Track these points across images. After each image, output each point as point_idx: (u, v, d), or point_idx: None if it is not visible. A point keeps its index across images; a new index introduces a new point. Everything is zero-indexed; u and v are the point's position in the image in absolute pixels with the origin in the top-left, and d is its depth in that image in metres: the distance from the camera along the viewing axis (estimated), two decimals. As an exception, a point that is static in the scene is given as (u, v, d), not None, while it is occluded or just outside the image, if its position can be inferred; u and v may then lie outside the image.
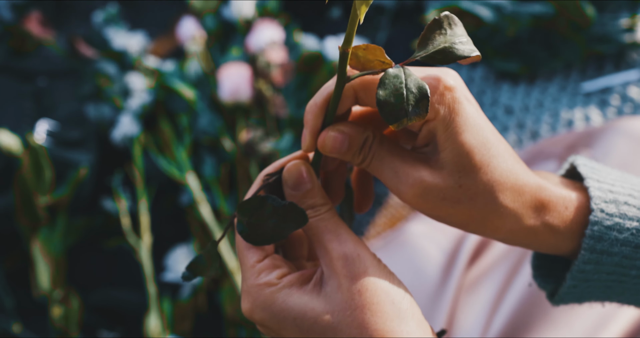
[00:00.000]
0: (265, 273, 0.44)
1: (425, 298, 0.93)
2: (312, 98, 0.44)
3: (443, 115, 0.42)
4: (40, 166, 1.09)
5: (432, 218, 0.46)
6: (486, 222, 0.44)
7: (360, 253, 0.43)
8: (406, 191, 0.43)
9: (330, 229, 0.44)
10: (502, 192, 0.43)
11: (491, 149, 0.43)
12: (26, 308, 1.10)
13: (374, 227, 1.12)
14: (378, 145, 0.44)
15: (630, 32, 1.19)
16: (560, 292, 0.48)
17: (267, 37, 1.21)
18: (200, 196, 1.10)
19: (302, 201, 0.46)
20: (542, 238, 0.45)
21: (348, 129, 0.44)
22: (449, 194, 0.43)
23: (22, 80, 1.28)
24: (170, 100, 1.22)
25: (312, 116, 0.44)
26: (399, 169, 0.44)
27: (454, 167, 0.42)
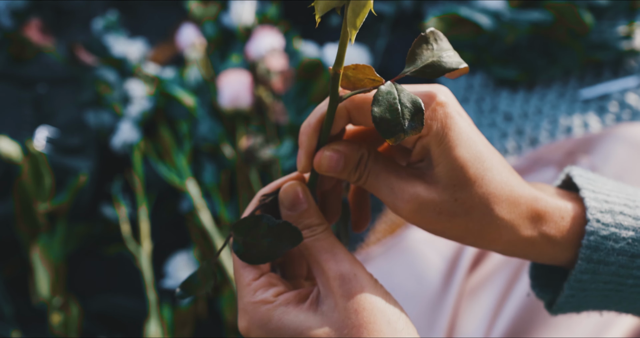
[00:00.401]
0: (262, 291, 0.45)
1: (427, 304, 0.93)
2: (306, 119, 0.45)
3: (436, 130, 0.42)
4: (40, 173, 1.09)
5: (429, 233, 0.46)
6: (483, 234, 0.45)
7: (357, 273, 0.44)
8: (402, 207, 0.44)
9: (327, 249, 0.45)
10: (497, 204, 0.44)
11: (485, 161, 0.44)
12: (25, 316, 1.09)
13: (374, 233, 1.12)
14: (373, 163, 0.45)
15: (628, 39, 1.20)
16: (558, 301, 0.48)
17: (267, 44, 1.21)
18: (201, 203, 1.10)
19: (299, 221, 0.46)
20: (540, 248, 0.46)
21: (343, 148, 0.44)
22: (445, 208, 0.43)
23: (22, 87, 1.28)
24: (170, 107, 1.22)
25: (307, 137, 0.44)
26: (395, 185, 0.44)
27: (449, 181, 0.43)
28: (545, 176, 1.00)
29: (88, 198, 1.16)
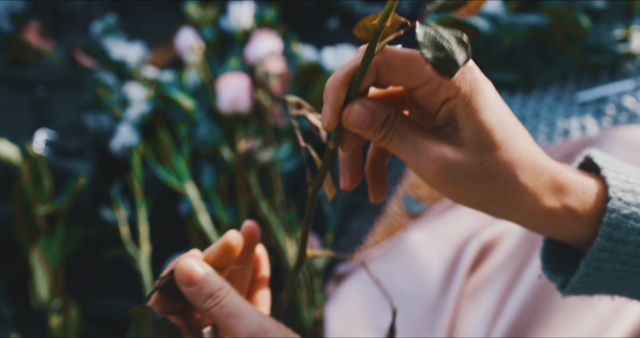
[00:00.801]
0: None
1: (427, 306, 0.93)
2: (332, 75, 0.44)
3: (464, 92, 0.42)
4: (40, 175, 1.09)
5: (450, 198, 0.46)
6: (506, 201, 0.44)
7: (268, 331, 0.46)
8: (427, 167, 0.43)
9: (233, 313, 0.47)
10: (522, 171, 0.44)
11: (510, 128, 0.44)
12: (25, 318, 1.09)
13: (373, 235, 1.13)
14: (400, 122, 0.45)
15: (625, 42, 1.20)
16: (572, 281, 0.48)
17: (265, 47, 1.22)
18: (200, 205, 1.10)
19: (200, 293, 0.48)
20: (561, 221, 0.45)
21: (372, 104, 0.44)
22: (470, 171, 0.43)
23: (21, 90, 1.28)
24: (169, 110, 1.22)
25: (334, 91, 0.44)
26: (421, 145, 0.44)
27: (476, 144, 0.43)
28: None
29: (87, 201, 1.16)
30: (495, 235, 0.95)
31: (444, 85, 0.42)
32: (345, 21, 1.39)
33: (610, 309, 0.81)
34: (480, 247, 0.94)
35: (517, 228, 0.95)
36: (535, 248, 0.89)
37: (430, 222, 1.05)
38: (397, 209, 1.14)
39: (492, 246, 0.95)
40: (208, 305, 0.48)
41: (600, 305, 0.81)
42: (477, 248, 0.94)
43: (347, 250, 1.13)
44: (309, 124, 0.52)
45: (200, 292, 0.48)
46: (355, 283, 1.00)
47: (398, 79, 0.43)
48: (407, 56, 0.42)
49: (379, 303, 0.96)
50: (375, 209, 1.15)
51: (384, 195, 0.50)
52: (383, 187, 0.50)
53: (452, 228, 1.01)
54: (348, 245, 1.13)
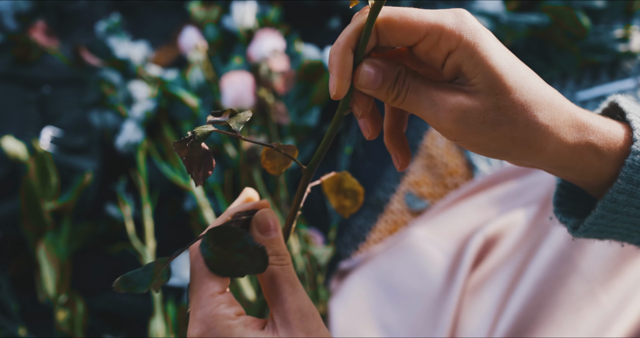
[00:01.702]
0: (225, 306, 0.45)
1: (430, 301, 0.94)
2: (334, 43, 0.43)
3: (466, 41, 0.42)
4: (46, 172, 1.09)
5: (473, 149, 0.45)
6: (529, 143, 0.44)
7: (315, 313, 0.45)
8: (446, 117, 0.43)
9: (290, 281, 0.46)
10: (540, 111, 0.43)
11: (521, 70, 0.43)
12: (31, 312, 1.10)
13: (375, 232, 1.14)
14: (411, 78, 0.44)
15: (625, 42, 1.21)
16: (586, 222, 0.48)
17: (269, 46, 1.22)
18: (204, 202, 1.10)
19: (269, 246, 0.47)
20: (587, 159, 0.45)
21: (381, 63, 0.44)
22: (489, 117, 0.43)
23: (27, 88, 1.29)
24: (173, 107, 1.23)
25: (339, 56, 0.43)
26: (436, 96, 0.43)
27: (490, 90, 0.42)
28: (547, 174, 1.01)
29: (93, 197, 1.17)
30: (499, 229, 0.96)
31: (443, 36, 0.42)
32: (347, 21, 1.40)
33: (613, 305, 0.81)
34: (483, 242, 0.95)
35: (520, 223, 0.96)
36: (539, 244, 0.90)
37: (432, 219, 1.06)
38: (399, 206, 1.15)
39: (495, 240, 0.96)
40: (273, 261, 0.46)
41: (603, 301, 0.82)
42: (481, 242, 0.95)
43: (350, 247, 1.14)
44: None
45: (269, 246, 0.47)
46: (358, 279, 1.01)
47: (398, 36, 0.43)
48: (404, 13, 0.42)
49: (383, 298, 0.97)
50: (378, 206, 1.16)
51: (408, 162, 0.49)
52: (406, 154, 0.49)
53: (454, 224, 1.02)
54: (351, 241, 1.14)
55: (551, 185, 0.99)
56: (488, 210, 1.02)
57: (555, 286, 0.84)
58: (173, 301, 1.06)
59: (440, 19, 0.42)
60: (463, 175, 1.15)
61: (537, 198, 0.98)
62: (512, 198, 1.02)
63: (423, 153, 1.19)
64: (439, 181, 1.16)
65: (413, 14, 0.42)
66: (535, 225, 0.94)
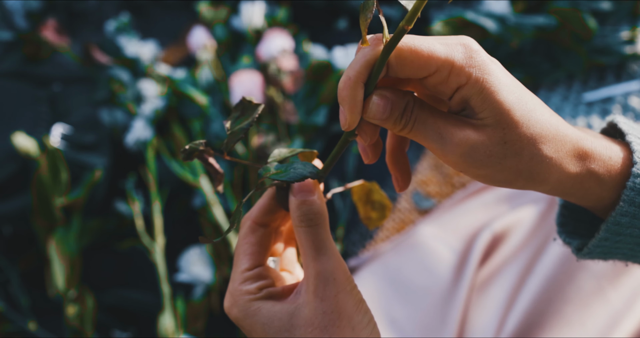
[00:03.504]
0: (250, 281, 0.48)
1: (438, 298, 0.94)
2: (343, 76, 0.43)
3: (475, 77, 0.42)
4: (57, 168, 1.10)
5: (479, 180, 0.46)
6: (533, 175, 0.45)
7: (337, 277, 0.46)
8: (453, 151, 0.44)
9: (316, 245, 0.47)
10: (545, 144, 0.44)
11: (527, 103, 0.44)
12: (42, 307, 1.10)
13: (383, 230, 1.14)
14: (419, 109, 0.44)
15: (631, 43, 1.22)
16: (590, 244, 0.49)
17: (277, 45, 1.23)
18: (213, 199, 1.11)
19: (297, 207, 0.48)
20: (588, 186, 0.46)
21: (389, 94, 0.44)
22: (495, 151, 0.43)
23: (38, 85, 1.30)
24: (183, 106, 1.24)
25: (350, 90, 0.43)
26: (443, 129, 0.44)
27: (498, 124, 0.43)
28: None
29: (102, 194, 1.18)
30: (506, 226, 0.97)
31: (453, 73, 0.42)
32: (354, 21, 1.41)
33: (622, 301, 0.82)
34: (491, 238, 0.95)
35: (528, 219, 0.97)
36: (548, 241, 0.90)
37: (439, 217, 1.06)
38: (406, 205, 1.16)
39: (503, 237, 0.96)
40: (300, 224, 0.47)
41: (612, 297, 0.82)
42: (488, 239, 0.95)
43: (357, 245, 1.14)
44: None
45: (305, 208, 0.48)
46: (366, 275, 1.02)
47: (407, 70, 0.43)
48: (414, 47, 0.42)
49: (391, 294, 0.98)
50: (385, 205, 1.17)
51: (408, 183, 0.50)
52: (407, 175, 0.50)
53: (461, 222, 1.03)
54: (359, 239, 1.15)
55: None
56: (495, 208, 1.03)
57: (564, 282, 0.84)
58: (182, 297, 1.07)
59: (451, 54, 0.42)
60: (470, 174, 1.16)
61: (544, 196, 0.99)
62: (520, 196, 1.02)
63: (430, 153, 1.20)
64: (446, 180, 1.17)
65: (423, 47, 0.42)
66: (543, 221, 0.94)
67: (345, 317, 0.45)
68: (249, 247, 0.50)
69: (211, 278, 1.07)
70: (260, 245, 0.51)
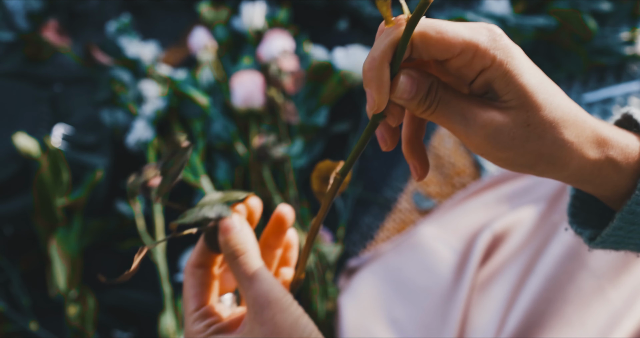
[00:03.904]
0: (198, 321, 0.52)
1: (439, 298, 0.94)
2: (368, 57, 0.43)
3: (499, 60, 0.42)
4: (58, 168, 1.10)
5: (499, 164, 0.46)
6: (554, 159, 0.45)
7: (271, 300, 0.49)
8: (477, 132, 0.44)
9: (246, 274, 0.50)
10: (566, 129, 0.44)
11: (549, 88, 0.44)
12: (43, 307, 1.11)
13: (383, 231, 1.15)
14: (443, 90, 0.44)
15: (631, 44, 1.22)
16: (604, 233, 0.49)
17: (278, 46, 1.24)
18: (214, 199, 1.11)
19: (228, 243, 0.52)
20: (606, 173, 0.46)
21: (415, 74, 0.44)
22: (518, 133, 0.44)
23: (39, 86, 1.30)
24: (184, 106, 1.24)
25: (377, 71, 0.43)
26: (467, 111, 0.44)
27: (521, 107, 0.43)
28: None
29: (103, 194, 1.18)
30: (507, 226, 0.97)
31: (478, 55, 0.42)
32: (355, 22, 1.41)
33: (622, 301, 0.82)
34: (491, 238, 0.96)
35: (529, 219, 0.97)
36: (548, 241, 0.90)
37: (440, 217, 1.06)
38: (407, 205, 1.16)
39: (503, 237, 0.96)
40: (233, 255, 0.51)
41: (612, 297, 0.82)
42: (489, 239, 0.95)
43: (358, 245, 1.14)
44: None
45: (228, 243, 0.51)
46: (367, 275, 1.02)
47: (432, 51, 0.43)
48: (440, 29, 0.42)
49: (392, 294, 0.98)
50: (386, 205, 1.17)
51: (427, 171, 0.50)
52: (425, 164, 0.50)
53: (462, 222, 1.03)
54: (359, 239, 1.15)
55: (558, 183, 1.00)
56: (496, 208, 1.03)
57: (564, 282, 0.84)
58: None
59: (475, 36, 0.42)
60: (470, 175, 1.16)
61: (544, 196, 0.99)
62: (520, 196, 1.03)
63: (431, 153, 1.20)
64: (446, 181, 1.17)
65: (448, 29, 0.42)
66: (544, 221, 0.94)
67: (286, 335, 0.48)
68: (191, 289, 0.54)
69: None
70: (203, 286, 0.54)
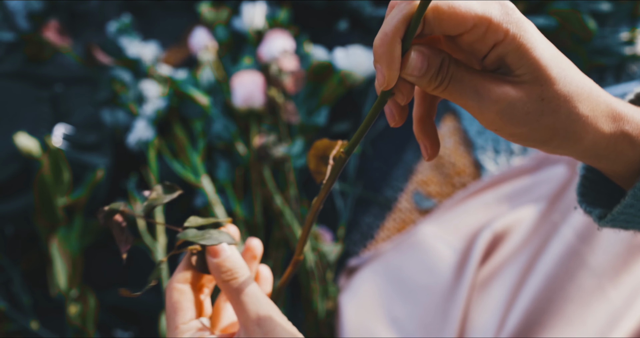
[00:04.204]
0: (189, 333, 0.51)
1: (439, 296, 0.95)
2: (379, 32, 0.42)
3: (512, 34, 0.42)
4: (59, 168, 1.11)
5: (513, 140, 0.46)
6: (569, 133, 0.45)
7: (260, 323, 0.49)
8: (490, 108, 0.43)
9: (239, 297, 0.51)
10: (581, 102, 0.44)
11: (562, 62, 0.44)
12: (43, 307, 1.11)
13: (384, 230, 1.15)
14: (455, 66, 0.44)
15: (631, 44, 1.23)
16: (615, 211, 0.48)
17: (279, 46, 1.24)
18: (215, 199, 1.12)
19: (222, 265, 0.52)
20: (621, 148, 0.46)
21: (426, 50, 0.43)
22: (533, 108, 0.43)
23: (40, 86, 1.31)
24: (184, 106, 1.24)
25: (388, 46, 0.42)
26: (480, 86, 0.43)
27: (535, 81, 0.43)
28: (555, 172, 1.02)
29: (104, 193, 1.18)
30: (507, 225, 0.97)
31: (490, 29, 0.42)
32: (355, 23, 1.41)
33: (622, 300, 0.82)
34: (491, 237, 0.96)
35: (529, 218, 0.97)
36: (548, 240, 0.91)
37: (440, 217, 1.07)
38: (407, 205, 1.16)
39: (503, 236, 0.97)
40: (227, 277, 0.51)
41: (612, 296, 0.83)
42: (489, 238, 0.96)
43: (358, 245, 1.15)
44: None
45: (222, 264, 0.52)
46: (367, 274, 1.02)
47: (445, 26, 0.42)
48: (452, 3, 0.42)
49: (392, 293, 0.98)
50: (386, 205, 1.17)
51: (437, 151, 0.49)
52: (436, 143, 0.49)
53: (462, 221, 1.03)
54: (359, 239, 1.15)
55: (559, 183, 1.00)
56: (496, 207, 1.03)
57: (565, 281, 0.85)
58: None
59: (488, 11, 0.42)
60: (470, 174, 1.17)
61: (544, 195, 0.99)
62: (520, 196, 1.03)
63: (431, 153, 1.20)
64: (446, 180, 1.17)
65: (461, 4, 0.42)
66: (544, 221, 0.95)
67: None
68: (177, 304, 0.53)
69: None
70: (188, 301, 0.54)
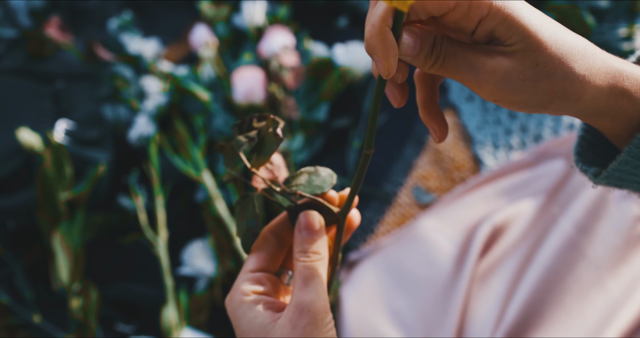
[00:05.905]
0: (248, 282, 0.52)
1: (439, 289, 0.95)
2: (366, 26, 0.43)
3: (496, 6, 0.42)
4: (61, 163, 1.11)
5: (514, 107, 0.46)
6: (568, 94, 0.45)
7: (311, 310, 0.49)
8: (486, 79, 0.44)
9: (305, 277, 0.50)
10: (576, 62, 0.44)
11: (552, 25, 0.44)
12: (46, 301, 1.11)
13: (384, 224, 1.16)
14: (448, 43, 0.44)
15: (629, 40, 1.23)
16: (610, 168, 0.49)
17: (279, 42, 1.25)
18: (216, 193, 1.12)
19: (302, 242, 0.52)
20: (621, 104, 0.46)
21: (417, 30, 0.44)
22: (529, 74, 0.44)
23: (42, 82, 1.31)
24: (185, 102, 1.25)
25: (379, 37, 0.42)
26: (474, 60, 0.44)
27: (527, 48, 0.43)
28: (554, 166, 1.03)
29: (106, 188, 1.19)
30: (506, 218, 0.98)
31: (473, 5, 0.42)
32: (355, 19, 1.42)
33: (620, 291, 0.83)
34: (491, 230, 0.97)
35: (527, 212, 0.98)
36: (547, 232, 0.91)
37: (440, 210, 1.07)
38: (407, 200, 1.17)
39: (502, 229, 0.97)
40: (298, 256, 0.51)
41: (611, 287, 0.83)
42: (489, 231, 0.96)
43: (359, 239, 1.15)
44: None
45: (302, 242, 0.52)
46: (368, 267, 1.03)
47: (428, 8, 0.43)
48: None
49: (392, 286, 0.99)
50: (386, 200, 1.18)
51: (446, 133, 0.50)
52: (444, 125, 0.50)
53: (461, 215, 1.04)
54: (360, 233, 1.16)
55: (557, 177, 1.01)
56: (495, 201, 1.04)
57: (563, 272, 0.85)
58: (185, 290, 1.08)
59: None
60: (470, 169, 1.17)
61: (543, 189, 1.00)
62: (519, 189, 1.04)
63: (430, 147, 1.21)
64: (446, 175, 1.18)
65: None
66: (543, 214, 0.95)
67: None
68: (258, 251, 0.54)
69: (214, 272, 1.08)
70: (269, 253, 0.54)
